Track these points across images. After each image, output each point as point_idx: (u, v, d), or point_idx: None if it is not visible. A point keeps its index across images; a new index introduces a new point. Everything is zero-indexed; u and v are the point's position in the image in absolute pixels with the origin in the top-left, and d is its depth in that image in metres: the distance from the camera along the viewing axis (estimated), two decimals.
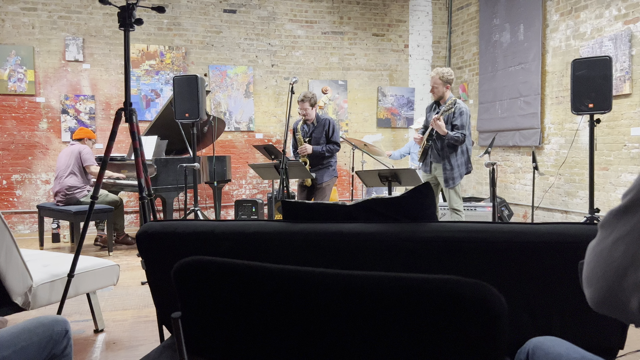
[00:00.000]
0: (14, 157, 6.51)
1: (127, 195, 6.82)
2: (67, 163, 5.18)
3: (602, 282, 0.72)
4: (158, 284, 1.67)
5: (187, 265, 1.03)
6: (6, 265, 2.21)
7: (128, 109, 2.58)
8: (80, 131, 5.46)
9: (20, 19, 6.47)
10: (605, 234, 0.74)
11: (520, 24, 6.32)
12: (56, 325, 1.44)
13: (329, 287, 0.94)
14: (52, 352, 1.42)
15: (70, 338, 1.47)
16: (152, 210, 2.74)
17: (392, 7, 7.88)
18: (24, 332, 1.37)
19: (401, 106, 7.92)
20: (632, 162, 4.85)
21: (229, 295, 1.02)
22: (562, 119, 5.77)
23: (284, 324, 0.99)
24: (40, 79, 6.56)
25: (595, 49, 5.19)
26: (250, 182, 7.41)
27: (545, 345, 1.08)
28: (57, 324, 1.45)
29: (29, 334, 1.37)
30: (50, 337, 1.41)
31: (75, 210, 4.97)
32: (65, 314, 3.19)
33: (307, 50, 7.54)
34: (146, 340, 2.81)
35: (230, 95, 7.24)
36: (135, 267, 4.55)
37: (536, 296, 1.40)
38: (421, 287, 0.87)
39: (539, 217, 6.10)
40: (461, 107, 4.34)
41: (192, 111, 4.66)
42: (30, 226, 6.60)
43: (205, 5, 7.12)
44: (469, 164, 4.45)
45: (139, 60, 6.86)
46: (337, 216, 1.55)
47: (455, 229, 1.42)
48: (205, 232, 1.54)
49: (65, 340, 1.45)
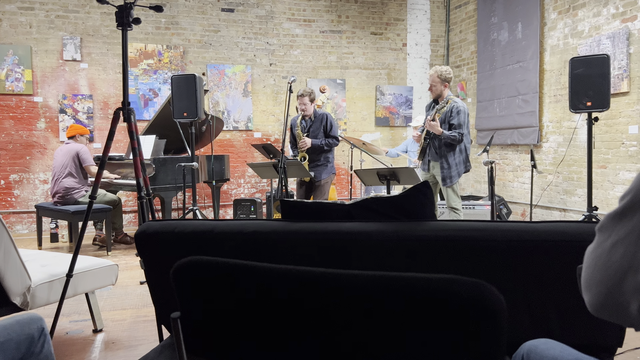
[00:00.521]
0: (12, 157, 6.50)
1: (126, 194, 6.81)
2: (63, 163, 5.14)
3: (601, 287, 0.72)
4: (157, 284, 1.67)
5: (186, 265, 1.03)
6: (4, 266, 2.21)
7: (126, 108, 2.57)
8: (72, 129, 5.37)
9: (17, 18, 6.45)
10: (603, 238, 0.73)
11: (518, 22, 6.32)
12: (32, 323, 1.45)
13: (328, 287, 0.94)
14: (31, 349, 1.43)
15: (47, 335, 1.48)
16: (151, 210, 2.73)
17: (390, 5, 7.88)
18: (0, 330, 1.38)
19: (399, 105, 7.92)
20: (630, 160, 4.86)
21: (228, 294, 1.02)
22: (560, 117, 5.78)
23: (283, 324, 0.99)
24: (37, 79, 6.55)
25: (593, 47, 5.20)
26: (249, 181, 7.41)
27: (539, 349, 1.07)
28: (33, 321, 1.46)
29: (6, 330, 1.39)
30: (28, 334, 1.43)
31: (73, 210, 4.96)
32: (64, 313, 3.19)
33: (305, 49, 7.53)
34: (145, 339, 2.81)
35: (229, 95, 7.23)
36: (134, 266, 4.55)
37: (535, 295, 1.40)
38: (420, 286, 0.87)
39: (537, 216, 6.10)
40: (458, 106, 4.32)
41: (190, 110, 4.65)
42: (29, 226, 6.59)
43: (203, 4, 7.11)
44: (467, 163, 4.45)
45: (136, 60, 6.85)
46: (335, 215, 1.55)
47: (453, 227, 1.42)
48: (204, 231, 1.54)
49: (42, 337, 1.46)
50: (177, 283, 1.05)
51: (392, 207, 1.50)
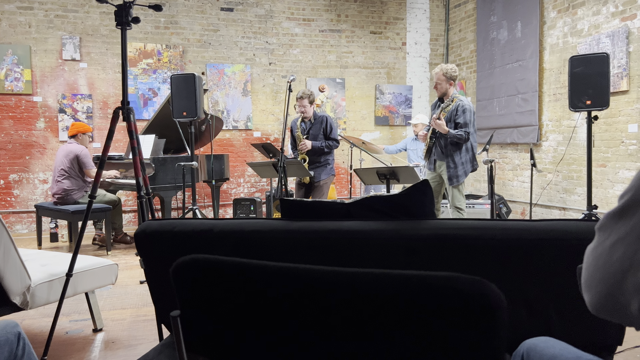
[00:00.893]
0: (12, 157, 6.50)
1: (125, 194, 6.81)
2: (62, 165, 5.12)
3: (601, 286, 0.71)
4: (157, 283, 1.67)
5: (185, 264, 1.03)
6: (4, 265, 2.21)
7: (125, 107, 2.57)
8: (73, 127, 5.32)
9: (16, 18, 6.44)
10: (603, 237, 0.73)
11: (518, 21, 6.32)
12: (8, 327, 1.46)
13: (328, 285, 0.94)
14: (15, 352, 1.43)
15: (24, 338, 1.48)
16: (151, 209, 2.73)
17: (390, 4, 7.87)
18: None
19: (399, 104, 7.92)
20: (630, 159, 4.86)
21: (228, 293, 1.02)
22: (559, 116, 5.78)
23: (284, 322, 0.99)
24: (37, 78, 6.54)
25: (593, 46, 5.20)
26: (249, 180, 7.41)
27: (539, 347, 1.07)
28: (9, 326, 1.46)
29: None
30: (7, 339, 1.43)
31: (73, 210, 4.96)
32: (63, 313, 3.19)
33: (305, 48, 7.53)
34: (145, 339, 2.81)
35: (228, 94, 7.23)
36: (133, 266, 4.55)
37: (535, 293, 1.40)
38: (420, 284, 0.87)
39: (537, 214, 6.11)
40: (464, 105, 4.29)
41: (190, 110, 4.65)
42: (28, 226, 6.58)
43: (203, 4, 7.10)
44: (474, 162, 4.41)
45: (136, 59, 6.84)
46: (335, 214, 1.55)
47: (453, 226, 1.42)
48: (203, 230, 1.54)
49: (21, 341, 1.46)
50: (177, 282, 1.05)
51: (391, 205, 1.50)
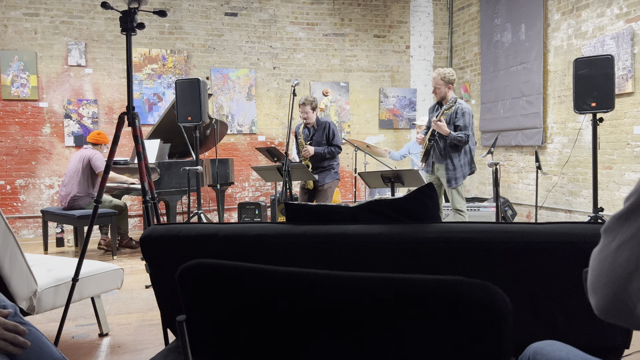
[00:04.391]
0: (18, 162, 6.53)
1: (131, 199, 6.83)
2: (76, 168, 5.14)
3: (607, 289, 0.71)
4: (162, 287, 1.67)
5: (191, 269, 1.03)
6: (11, 270, 2.22)
7: (131, 112, 2.58)
8: (98, 136, 5.32)
9: (22, 24, 6.49)
10: (609, 240, 0.73)
11: (522, 23, 6.31)
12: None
13: (333, 289, 0.94)
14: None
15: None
16: (156, 214, 2.74)
17: (393, 8, 7.88)
18: None
19: (403, 107, 7.91)
20: (636, 161, 4.84)
21: (234, 298, 1.03)
22: (564, 118, 5.76)
23: (289, 326, 0.99)
24: (43, 84, 6.59)
25: (597, 48, 5.18)
26: (253, 184, 7.42)
27: (545, 351, 1.06)
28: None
29: None
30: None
31: (79, 215, 4.98)
32: (70, 317, 3.20)
33: (309, 52, 7.54)
34: (151, 343, 2.82)
35: (233, 98, 7.25)
36: (139, 270, 4.56)
37: (540, 296, 1.39)
38: (426, 288, 0.86)
39: (543, 217, 6.08)
40: (463, 108, 4.32)
41: (195, 114, 4.66)
42: (35, 231, 6.61)
43: (207, 9, 7.13)
44: (472, 164, 4.44)
45: (141, 64, 6.88)
46: (340, 218, 1.55)
47: (459, 229, 1.42)
48: (208, 235, 1.54)
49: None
50: (182, 286, 1.05)
51: (396, 209, 1.50)
